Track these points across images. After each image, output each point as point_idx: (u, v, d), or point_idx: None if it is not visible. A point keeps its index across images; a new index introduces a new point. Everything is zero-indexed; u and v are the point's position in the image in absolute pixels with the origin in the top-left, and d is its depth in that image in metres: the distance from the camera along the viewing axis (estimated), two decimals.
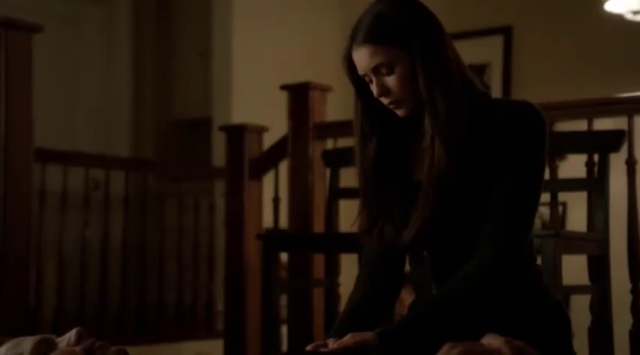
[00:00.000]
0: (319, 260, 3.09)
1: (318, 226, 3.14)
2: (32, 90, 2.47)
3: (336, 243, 2.83)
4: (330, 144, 3.23)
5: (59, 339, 1.27)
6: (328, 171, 3.05)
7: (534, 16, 4.07)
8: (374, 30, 1.50)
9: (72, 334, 1.26)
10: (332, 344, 1.45)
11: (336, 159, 3.02)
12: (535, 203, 1.50)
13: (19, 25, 2.46)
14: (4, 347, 1.25)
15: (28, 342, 1.25)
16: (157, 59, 4.95)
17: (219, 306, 3.95)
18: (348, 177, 3.02)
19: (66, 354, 1.23)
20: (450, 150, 1.46)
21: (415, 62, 1.48)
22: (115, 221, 3.97)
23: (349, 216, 3.02)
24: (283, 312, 3.20)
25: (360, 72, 1.53)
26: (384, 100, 1.53)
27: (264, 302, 2.87)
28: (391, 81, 1.50)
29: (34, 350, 1.23)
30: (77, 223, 3.84)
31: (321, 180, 3.18)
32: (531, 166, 1.48)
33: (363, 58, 1.51)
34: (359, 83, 1.56)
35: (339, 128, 3.18)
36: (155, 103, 4.87)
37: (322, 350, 1.45)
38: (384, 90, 1.51)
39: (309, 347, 1.43)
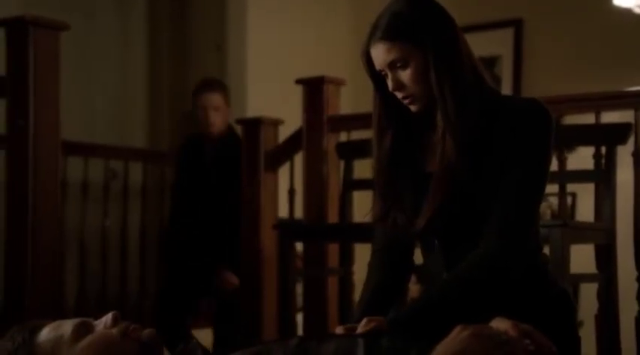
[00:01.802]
0: (333, 249, 3.16)
1: (333, 217, 3.21)
2: (59, 86, 2.56)
3: (349, 233, 2.92)
4: (343, 136, 3.30)
5: (96, 322, 1.36)
6: (342, 163, 3.14)
7: (545, 9, 4.11)
8: (390, 27, 1.57)
9: (108, 317, 1.35)
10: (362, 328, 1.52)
11: (350, 152, 3.10)
12: (539, 196, 1.57)
13: (47, 24, 2.55)
14: (47, 329, 1.34)
15: (68, 324, 1.34)
16: (172, 52, 5.02)
17: None
18: (362, 169, 3.10)
19: (103, 336, 1.33)
20: (460, 145, 1.53)
21: (428, 58, 1.56)
22: (133, 210, 4.06)
23: (363, 206, 3.10)
24: (299, 300, 3.28)
25: (377, 67, 1.60)
26: (399, 95, 1.60)
27: (281, 290, 2.97)
28: (406, 76, 1.57)
29: (75, 331, 1.32)
30: (97, 213, 3.94)
31: (335, 171, 3.24)
32: (537, 160, 1.55)
33: (379, 53, 1.58)
34: (377, 78, 1.63)
35: (353, 121, 3.26)
36: (171, 95, 4.95)
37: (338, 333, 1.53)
38: (399, 85, 1.58)
39: (338, 329, 1.50)
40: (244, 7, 4.45)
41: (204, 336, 3.48)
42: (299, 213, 3.40)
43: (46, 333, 1.33)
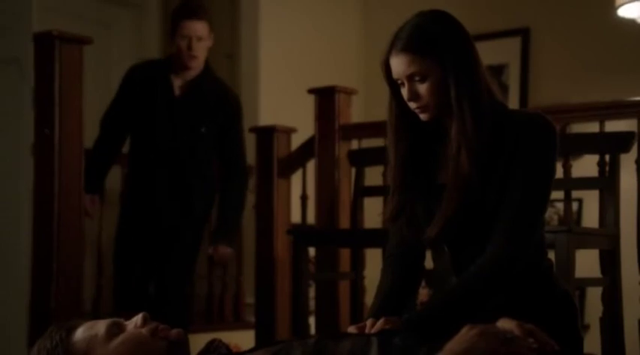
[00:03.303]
0: (345, 254, 3.23)
1: (344, 222, 3.28)
2: (82, 96, 2.67)
3: (361, 238, 2.99)
4: (355, 144, 3.38)
5: (127, 322, 1.45)
6: (353, 170, 3.22)
7: (551, 18, 4.19)
8: (413, 40, 1.64)
9: (138, 317, 1.44)
10: (369, 328, 1.61)
11: (361, 159, 3.18)
12: (543, 204, 1.65)
13: (71, 38, 2.66)
14: (81, 329, 1.44)
15: (101, 324, 1.43)
16: None
17: (247, 298, 4.13)
18: (373, 176, 3.18)
19: (134, 335, 1.42)
20: (475, 159, 1.61)
21: (447, 75, 1.63)
22: None
23: (374, 212, 3.20)
24: (311, 303, 3.36)
25: (395, 76, 1.67)
26: (412, 105, 1.68)
27: (294, 293, 3.05)
28: (423, 88, 1.65)
29: (108, 330, 1.42)
30: (114, 218, 4.03)
31: (346, 178, 3.32)
32: (541, 172, 1.63)
33: (400, 64, 1.65)
34: (394, 86, 1.70)
35: (364, 129, 3.35)
36: None
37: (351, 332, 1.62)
38: (414, 96, 1.66)
39: (350, 329, 1.60)
40: (256, 17, 4.54)
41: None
42: (311, 218, 3.47)
43: (81, 332, 1.43)
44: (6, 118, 0.66)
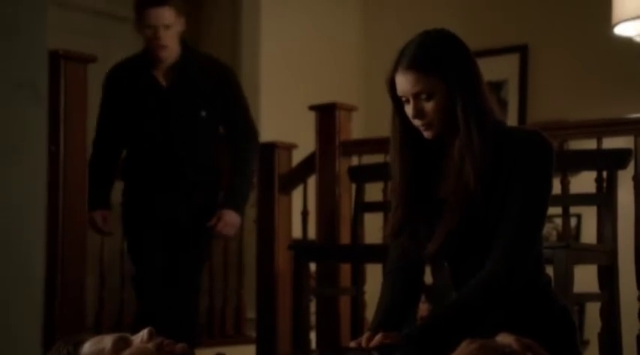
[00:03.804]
0: (346, 269, 3.26)
1: (345, 238, 3.30)
2: (86, 114, 2.72)
3: (361, 253, 3.02)
4: (355, 160, 3.42)
5: (133, 337, 1.48)
6: (354, 186, 3.26)
7: (549, 36, 4.23)
8: (418, 58, 1.67)
9: (144, 333, 1.47)
10: (365, 341, 1.64)
11: (361, 175, 3.21)
12: (540, 221, 1.69)
13: (76, 57, 2.71)
14: (88, 344, 1.46)
15: (108, 339, 1.46)
16: None
17: (248, 313, 4.15)
18: (373, 192, 3.21)
19: (140, 349, 1.44)
20: (479, 174, 1.65)
21: (453, 92, 1.66)
22: None
23: (374, 228, 3.23)
24: (312, 318, 3.38)
25: (400, 93, 1.70)
26: (416, 122, 1.71)
27: (295, 308, 3.07)
28: (428, 106, 1.68)
29: (114, 345, 1.44)
30: (117, 234, 4.05)
31: (347, 194, 3.35)
32: (537, 189, 1.67)
33: (406, 82, 1.68)
34: (398, 103, 1.73)
35: (364, 145, 3.38)
36: None
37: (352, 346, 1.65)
38: (420, 113, 1.69)
39: (353, 343, 1.62)
40: (257, 33, 4.58)
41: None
42: (312, 234, 3.50)
43: (88, 347, 1.45)
44: (20, 142, 0.68)
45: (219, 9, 5.04)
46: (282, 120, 4.38)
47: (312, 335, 3.28)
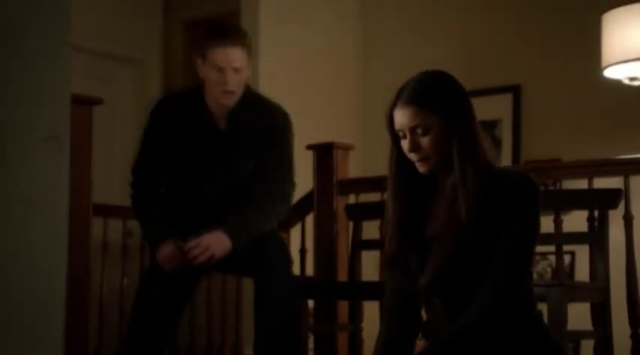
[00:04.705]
0: (343, 306, 3.29)
1: (342, 275, 3.34)
2: (91, 153, 2.78)
3: (359, 290, 3.04)
4: (352, 198, 3.48)
5: None
6: (351, 224, 3.30)
7: (541, 77, 4.33)
8: (418, 95, 1.75)
9: None
10: None
11: (359, 213, 3.25)
12: (527, 259, 1.74)
13: (82, 100, 2.78)
14: None
15: None
16: None
17: (247, 350, 4.17)
18: (370, 230, 3.26)
19: None
20: (472, 210, 1.70)
21: (449, 131, 1.74)
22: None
23: (371, 265, 3.27)
24: None
25: (398, 128, 1.78)
26: (412, 156, 1.77)
27: None
28: (425, 141, 1.75)
29: None
30: (116, 270, 4.09)
31: (344, 232, 3.39)
32: (525, 229, 1.73)
33: (404, 116, 1.75)
34: (396, 137, 1.80)
35: (361, 184, 3.44)
36: None
37: None
38: (416, 147, 1.76)
39: None
40: (256, 72, 4.67)
41: None
42: (310, 271, 3.53)
43: None
44: (45, 190, 0.71)
45: None
46: None
47: None
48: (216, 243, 2.49)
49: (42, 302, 0.79)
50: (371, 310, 3.22)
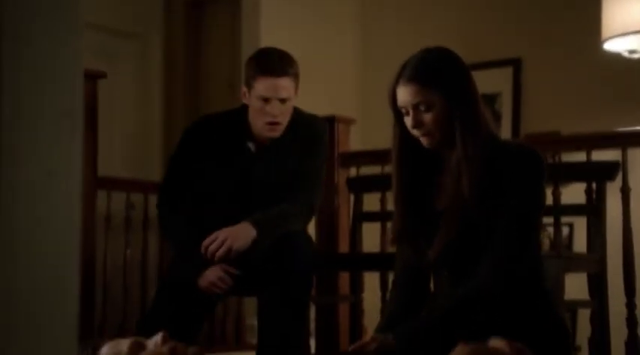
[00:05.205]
0: (344, 278, 3.34)
1: (343, 247, 3.39)
2: (97, 127, 2.81)
3: (359, 262, 3.10)
4: (353, 171, 3.51)
5: (148, 341, 1.56)
6: (352, 197, 3.35)
7: (541, 50, 4.34)
8: (420, 72, 1.77)
9: (158, 337, 1.55)
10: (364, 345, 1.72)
11: (360, 186, 3.30)
12: (529, 233, 1.76)
13: (87, 74, 2.80)
14: (105, 347, 1.55)
15: (124, 343, 1.54)
16: (187, 90, 5.24)
17: (248, 320, 4.23)
18: (371, 202, 3.30)
19: (155, 353, 1.53)
20: (475, 186, 1.73)
21: (451, 108, 1.75)
22: (152, 241, 4.26)
23: (372, 237, 3.31)
24: (311, 325, 3.46)
25: (400, 104, 1.80)
26: (415, 132, 1.80)
27: None
28: (427, 118, 1.77)
29: (130, 349, 1.52)
30: (119, 243, 4.14)
31: (345, 204, 3.43)
32: (528, 202, 1.75)
33: (406, 94, 1.77)
34: (399, 114, 1.83)
35: (362, 157, 3.48)
36: None
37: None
38: (418, 124, 1.78)
39: (352, 347, 1.71)
40: (257, 48, 4.67)
41: None
42: None
43: (105, 351, 1.54)
44: (59, 167, 0.72)
45: (219, 24, 5.14)
46: None
47: (312, 342, 3.36)
48: (234, 234, 2.33)
49: (55, 278, 0.82)
50: (371, 281, 3.27)
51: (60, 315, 0.87)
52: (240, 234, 2.33)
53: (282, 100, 2.39)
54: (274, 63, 2.40)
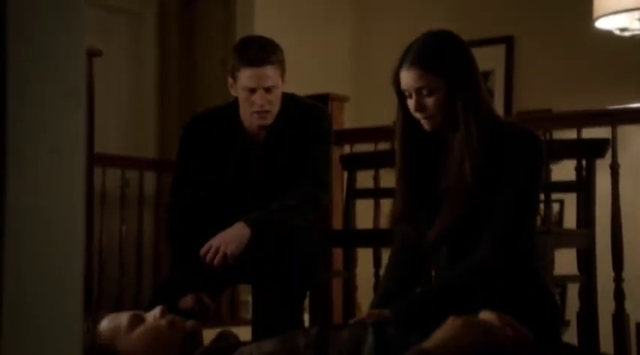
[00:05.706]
0: (338, 254, 3.38)
1: (337, 223, 3.43)
2: (94, 104, 2.82)
3: (353, 238, 3.15)
4: (347, 149, 3.54)
5: (147, 314, 1.61)
6: (346, 174, 3.38)
7: (533, 28, 4.36)
8: (423, 57, 1.79)
9: (157, 310, 1.60)
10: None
11: (353, 163, 3.33)
12: (529, 212, 1.81)
13: None
14: (106, 320, 1.59)
15: (124, 316, 1.59)
16: (180, 66, 5.24)
17: (242, 296, 4.28)
18: (364, 179, 3.34)
19: (154, 326, 1.57)
20: (477, 167, 1.77)
21: (454, 92, 1.78)
22: (147, 218, 4.30)
23: (365, 214, 3.36)
24: (305, 301, 3.51)
25: (403, 88, 1.83)
26: (418, 115, 1.83)
27: None
28: (430, 102, 1.80)
29: (130, 322, 1.57)
30: (114, 219, 4.18)
31: (339, 181, 3.46)
32: (528, 183, 1.79)
33: (409, 78, 1.80)
34: (402, 96, 1.86)
35: (356, 135, 3.51)
36: (179, 109, 5.18)
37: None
38: (421, 107, 1.81)
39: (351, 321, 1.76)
40: (251, 25, 4.68)
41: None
42: None
43: (106, 323, 1.58)
44: (63, 145, 0.72)
45: (213, 0, 5.13)
46: None
47: (306, 317, 3.40)
48: (227, 239, 2.27)
49: (58, 256, 0.85)
50: (365, 257, 3.32)
51: (66, 289, 0.89)
52: (233, 238, 2.27)
53: (268, 89, 2.35)
54: (255, 53, 2.35)
